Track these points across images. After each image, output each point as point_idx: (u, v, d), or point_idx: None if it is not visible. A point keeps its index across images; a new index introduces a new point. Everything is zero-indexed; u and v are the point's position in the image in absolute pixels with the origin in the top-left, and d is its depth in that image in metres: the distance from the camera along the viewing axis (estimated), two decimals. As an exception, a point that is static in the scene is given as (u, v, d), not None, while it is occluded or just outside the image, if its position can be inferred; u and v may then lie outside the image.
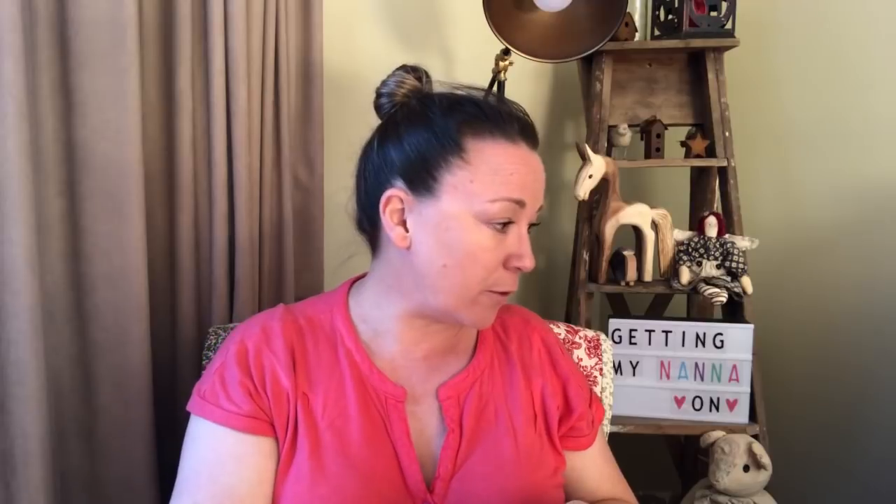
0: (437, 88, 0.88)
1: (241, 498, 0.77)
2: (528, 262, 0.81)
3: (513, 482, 0.83)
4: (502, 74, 1.46)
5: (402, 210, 0.81)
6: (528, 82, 1.82)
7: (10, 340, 1.01)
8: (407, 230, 0.81)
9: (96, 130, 1.10)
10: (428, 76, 0.88)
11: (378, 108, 0.89)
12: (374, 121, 0.90)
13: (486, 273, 0.80)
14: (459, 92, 0.85)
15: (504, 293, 0.83)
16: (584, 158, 1.47)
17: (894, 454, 1.60)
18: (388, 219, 0.81)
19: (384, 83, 0.88)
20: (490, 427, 0.86)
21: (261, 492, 0.78)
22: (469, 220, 0.78)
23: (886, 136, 1.59)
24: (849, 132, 1.65)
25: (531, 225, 0.84)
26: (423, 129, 0.81)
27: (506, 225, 0.80)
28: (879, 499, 1.62)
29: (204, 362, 1.13)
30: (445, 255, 0.79)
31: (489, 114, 0.81)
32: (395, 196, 0.81)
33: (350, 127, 1.59)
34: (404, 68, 0.88)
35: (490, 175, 0.78)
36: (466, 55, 1.70)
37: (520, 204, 0.80)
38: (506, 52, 1.42)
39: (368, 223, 0.87)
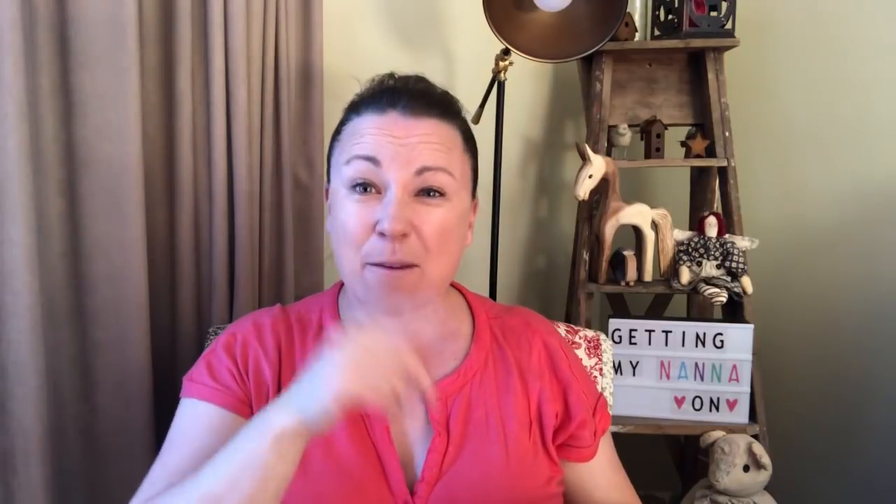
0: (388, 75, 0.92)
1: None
2: (386, 224, 0.77)
3: (501, 491, 0.82)
4: (502, 74, 1.47)
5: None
6: (528, 82, 1.82)
7: (10, 340, 1.01)
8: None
9: (96, 130, 1.10)
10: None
11: None
12: None
13: (354, 239, 0.79)
14: (373, 79, 0.90)
15: (386, 266, 0.79)
16: (584, 158, 1.47)
17: (894, 454, 1.60)
18: (327, 211, 0.88)
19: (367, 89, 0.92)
20: (479, 432, 0.84)
21: None
22: (342, 193, 0.82)
23: (886, 136, 1.59)
24: (849, 132, 1.65)
25: (433, 196, 0.81)
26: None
27: (366, 189, 0.80)
28: (879, 499, 1.62)
29: (204, 362, 1.14)
30: (333, 229, 0.84)
31: (365, 92, 0.87)
32: (326, 189, 0.89)
33: (350, 127, 1.60)
34: (388, 77, 0.91)
35: (346, 141, 0.83)
36: (466, 55, 1.70)
37: (372, 161, 0.79)
38: (506, 52, 1.42)
39: None
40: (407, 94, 0.83)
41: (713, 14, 1.53)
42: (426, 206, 0.80)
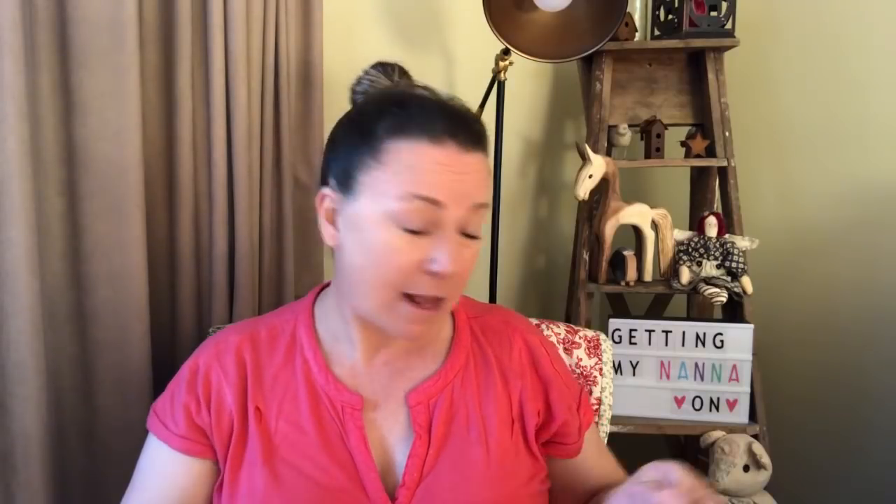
0: (415, 88, 0.86)
1: None
2: (441, 266, 0.75)
3: (483, 492, 0.81)
4: (502, 74, 1.47)
5: (334, 210, 0.81)
6: (528, 82, 1.82)
7: (10, 340, 1.01)
8: (338, 230, 0.80)
9: (96, 130, 1.10)
10: (402, 72, 0.88)
11: (353, 102, 0.90)
12: None
13: (397, 275, 0.76)
14: (399, 90, 0.85)
15: (429, 305, 0.78)
16: (584, 158, 1.47)
17: (894, 454, 1.60)
18: (322, 216, 0.82)
19: (359, 80, 0.89)
20: (460, 434, 0.83)
21: None
22: (381, 220, 0.75)
23: (886, 137, 1.59)
24: (848, 132, 1.65)
25: (470, 237, 0.79)
26: (353, 128, 0.81)
27: (420, 232, 0.75)
28: (879, 499, 1.62)
29: (204, 362, 1.14)
30: (361, 254, 0.77)
31: (413, 112, 0.77)
32: (327, 195, 0.81)
33: (350, 127, 1.60)
34: (377, 66, 0.88)
35: (400, 174, 0.75)
36: (466, 55, 1.70)
37: (435, 203, 0.75)
38: (506, 52, 1.42)
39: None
40: (464, 124, 0.79)
41: (713, 14, 1.53)
42: (466, 243, 0.79)
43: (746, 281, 1.49)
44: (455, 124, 0.78)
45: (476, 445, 0.83)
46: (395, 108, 0.78)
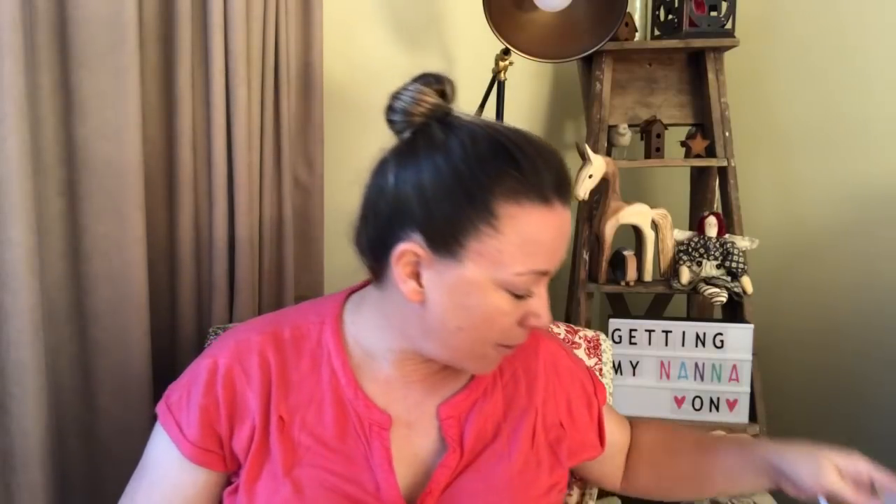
0: (510, 132, 0.76)
1: None
2: (544, 322, 0.77)
3: (503, 502, 0.81)
4: (502, 74, 1.47)
5: (417, 263, 0.74)
6: (528, 82, 1.82)
7: (10, 340, 1.01)
8: (421, 285, 0.74)
9: (96, 130, 1.10)
10: (453, 88, 0.78)
11: (389, 122, 0.77)
12: (374, 121, 0.83)
13: (500, 334, 0.76)
14: (493, 128, 0.75)
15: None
16: (584, 158, 1.47)
17: (894, 454, 1.60)
18: (400, 271, 0.74)
19: (398, 96, 0.76)
20: (487, 446, 0.83)
21: None
22: (490, 287, 0.73)
23: (886, 136, 1.59)
24: (849, 132, 1.65)
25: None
26: (448, 178, 0.71)
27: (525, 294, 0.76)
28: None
29: (204, 362, 1.14)
30: (461, 318, 0.74)
31: (526, 171, 0.71)
32: (410, 251, 0.73)
33: (350, 127, 1.60)
34: (425, 79, 0.76)
35: (521, 246, 0.72)
36: (466, 55, 1.70)
37: (545, 274, 0.75)
38: (506, 52, 1.42)
39: (373, 258, 0.79)
40: (565, 178, 0.76)
41: (713, 14, 1.53)
42: None
43: (746, 281, 1.49)
44: (559, 179, 0.74)
45: (501, 457, 0.82)
46: (511, 168, 0.71)
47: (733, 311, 1.56)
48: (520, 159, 0.72)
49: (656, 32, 1.64)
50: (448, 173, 0.72)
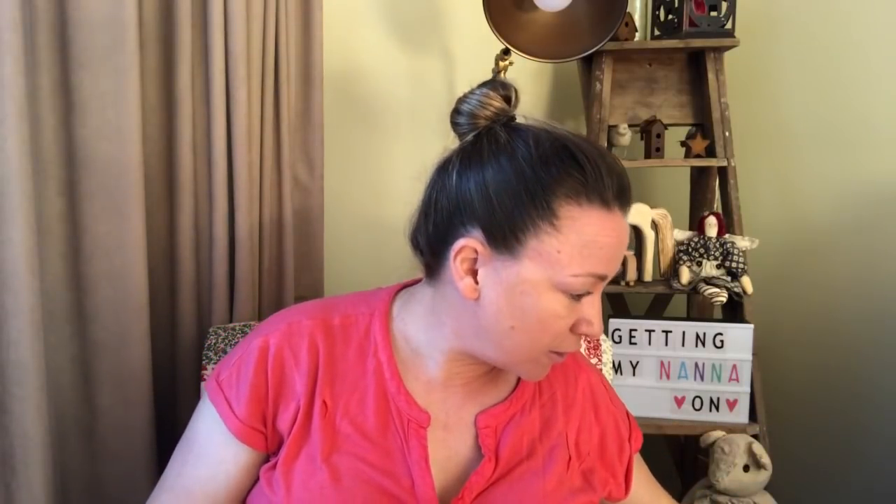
0: (574, 137, 0.77)
1: (201, 492, 0.81)
2: (597, 330, 0.77)
3: None
4: (502, 74, 1.46)
5: (475, 260, 0.75)
6: (528, 82, 1.82)
7: (10, 340, 1.01)
8: (477, 282, 0.76)
9: (96, 130, 1.10)
10: (517, 95, 0.79)
11: (454, 124, 0.80)
12: (374, 121, 0.85)
13: (553, 339, 0.76)
14: (557, 132, 0.77)
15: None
16: (584, 158, 1.47)
17: (894, 453, 1.60)
18: (457, 266, 0.76)
19: (465, 99, 0.78)
20: (522, 462, 0.83)
21: (223, 495, 0.82)
22: (546, 287, 0.73)
23: (886, 137, 1.59)
24: (849, 132, 1.65)
25: None
26: (512, 177, 0.73)
27: (582, 295, 0.76)
28: (879, 498, 1.62)
29: (204, 362, 1.14)
30: (516, 317, 0.75)
31: (588, 174, 0.73)
32: (469, 246, 0.75)
33: (350, 127, 1.60)
34: (492, 84, 0.78)
35: (579, 248, 0.73)
36: (466, 55, 1.70)
37: (603, 278, 0.75)
38: (506, 52, 1.42)
39: (430, 253, 0.80)
40: (626, 184, 0.76)
41: (713, 14, 1.53)
42: None
43: (746, 281, 1.49)
44: (621, 186, 0.75)
45: (535, 475, 0.83)
46: (574, 170, 0.73)
47: (733, 311, 1.57)
48: (583, 162, 0.73)
49: (656, 32, 1.64)
50: (511, 172, 0.73)
